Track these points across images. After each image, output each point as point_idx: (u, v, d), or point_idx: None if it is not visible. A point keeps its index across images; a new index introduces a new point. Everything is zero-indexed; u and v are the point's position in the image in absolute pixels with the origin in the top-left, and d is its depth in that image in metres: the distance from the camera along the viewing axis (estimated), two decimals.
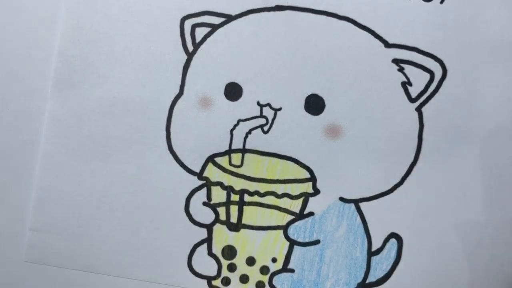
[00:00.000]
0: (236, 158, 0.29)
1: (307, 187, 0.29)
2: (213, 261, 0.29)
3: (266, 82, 0.29)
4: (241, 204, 0.29)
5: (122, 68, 0.29)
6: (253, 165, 0.29)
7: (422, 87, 0.28)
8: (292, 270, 0.29)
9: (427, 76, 0.28)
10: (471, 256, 0.28)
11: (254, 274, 0.29)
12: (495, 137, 0.28)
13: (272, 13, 0.28)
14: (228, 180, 0.29)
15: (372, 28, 0.28)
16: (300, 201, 0.29)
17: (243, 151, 0.29)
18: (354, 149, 0.28)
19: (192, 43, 0.29)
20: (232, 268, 0.29)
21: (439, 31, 0.28)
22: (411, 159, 0.28)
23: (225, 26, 0.29)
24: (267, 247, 0.29)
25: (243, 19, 0.29)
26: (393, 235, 0.29)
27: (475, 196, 0.28)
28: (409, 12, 0.28)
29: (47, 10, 0.29)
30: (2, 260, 0.30)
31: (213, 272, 0.29)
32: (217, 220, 0.29)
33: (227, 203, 0.29)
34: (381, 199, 0.29)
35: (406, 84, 0.28)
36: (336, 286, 0.29)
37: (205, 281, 0.29)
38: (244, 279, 0.29)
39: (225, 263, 0.29)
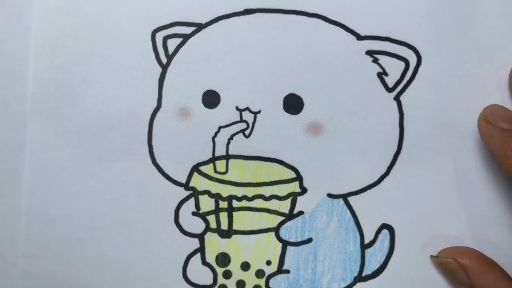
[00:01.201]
0: (220, 165, 0.29)
1: (294, 187, 0.29)
2: (208, 270, 0.29)
3: (242, 87, 0.28)
4: (230, 210, 0.29)
5: (98, 86, 0.29)
6: (238, 170, 0.29)
7: (398, 76, 0.28)
8: (287, 271, 0.29)
9: (402, 65, 0.28)
10: (463, 239, 0.28)
11: (250, 279, 0.29)
12: (475, 121, 0.28)
13: (242, 17, 0.28)
14: (215, 187, 0.29)
15: (343, 22, 0.28)
16: (288, 202, 0.29)
17: (227, 157, 0.29)
18: (337, 145, 0.28)
19: (165, 55, 0.29)
20: (227, 275, 0.29)
21: (410, 18, 0.28)
22: (395, 148, 0.28)
23: (197, 35, 0.29)
24: (260, 251, 0.29)
25: (213, 26, 0.29)
26: (384, 226, 0.29)
27: (460, 180, 0.28)
28: (378, 2, 0.28)
29: (19, 36, 0.29)
30: None
31: (209, 281, 0.29)
32: (207, 228, 0.29)
33: (216, 211, 0.29)
34: (369, 191, 0.29)
35: (382, 75, 0.28)
36: (333, 282, 0.29)
37: None
38: (240, 284, 0.29)
39: (220, 270, 0.29)
